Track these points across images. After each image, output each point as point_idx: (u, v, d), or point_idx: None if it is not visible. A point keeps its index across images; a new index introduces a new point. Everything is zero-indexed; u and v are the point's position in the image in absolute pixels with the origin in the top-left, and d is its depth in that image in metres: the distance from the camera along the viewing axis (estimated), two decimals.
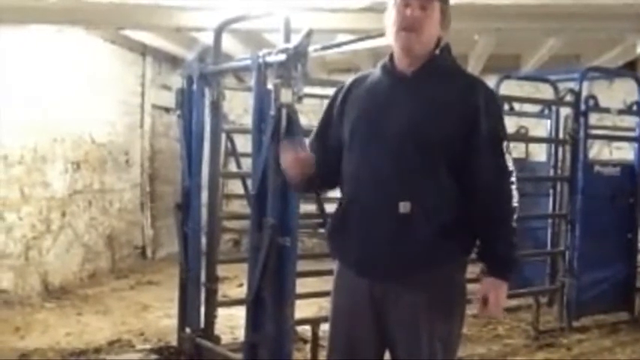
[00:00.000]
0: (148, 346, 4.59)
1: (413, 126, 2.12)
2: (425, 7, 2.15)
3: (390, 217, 2.12)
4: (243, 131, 5.52)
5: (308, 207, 4.53)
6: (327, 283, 2.37)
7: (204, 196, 4.19)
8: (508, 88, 5.72)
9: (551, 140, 6.00)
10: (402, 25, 2.16)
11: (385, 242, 2.13)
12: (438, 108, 2.14)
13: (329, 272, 2.37)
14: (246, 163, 4.65)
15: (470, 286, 2.27)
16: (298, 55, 3.17)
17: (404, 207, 2.10)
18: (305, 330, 4.40)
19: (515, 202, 2.19)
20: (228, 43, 6.14)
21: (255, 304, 3.39)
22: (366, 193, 2.17)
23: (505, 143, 2.21)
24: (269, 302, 3.28)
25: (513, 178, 2.20)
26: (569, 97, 5.37)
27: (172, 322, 4.55)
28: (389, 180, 2.13)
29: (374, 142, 2.17)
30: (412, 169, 2.12)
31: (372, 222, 2.15)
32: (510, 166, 2.21)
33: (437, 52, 2.23)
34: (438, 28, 2.20)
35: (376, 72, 2.31)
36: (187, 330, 4.16)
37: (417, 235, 2.11)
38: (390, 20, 2.21)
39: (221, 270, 4.27)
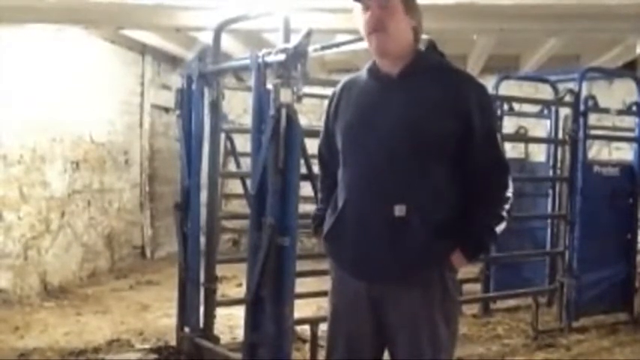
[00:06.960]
0: (147, 346, 4.59)
1: (406, 127, 2.12)
2: (383, 6, 2.14)
3: (386, 220, 2.11)
4: (243, 131, 5.51)
5: (307, 207, 4.52)
6: (325, 283, 2.37)
7: (204, 195, 4.18)
8: (507, 88, 5.72)
9: (551, 140, 6.01)
10: (368, 29, 2.17)
11: (381, 244, 2.13)
12: (430, 107, 2.13)
13: (328, 272, 2.38)
14: (246, 163, 4.64)
15: (469, 286, 2.27)
16: (298, 54, 3.17)
17: (399, 210, 2.10)
18: (304, 330, 4.40)
19: (509, 193, 2.19)
20: (228, 43, 6.14)
21: (254, 304, 3.39)
22: (361, 195, 2.17)
23: (498, 136, 2.22)
24: (268, 302, 3.28)
25: (509, 170, 2.21)
26: (568, 98, 5.36)
27: (171, 321, 4.56)
28: (384, 182, 2.13)
29: (367, 145, 2.16)
30: (407, 170, 2.11)
31: (367, 224, 2.15)
32: (505, 157, 2.22)
33: (421, 47, 2.23)
34: (407, 20, 2.18)
35: (363, 75, 2.30)
36: (186, 329, 4.16)
37: (412, 237, 2.11)
38: (360, 28, 2.22)
39: (220, 270, 4.27)
